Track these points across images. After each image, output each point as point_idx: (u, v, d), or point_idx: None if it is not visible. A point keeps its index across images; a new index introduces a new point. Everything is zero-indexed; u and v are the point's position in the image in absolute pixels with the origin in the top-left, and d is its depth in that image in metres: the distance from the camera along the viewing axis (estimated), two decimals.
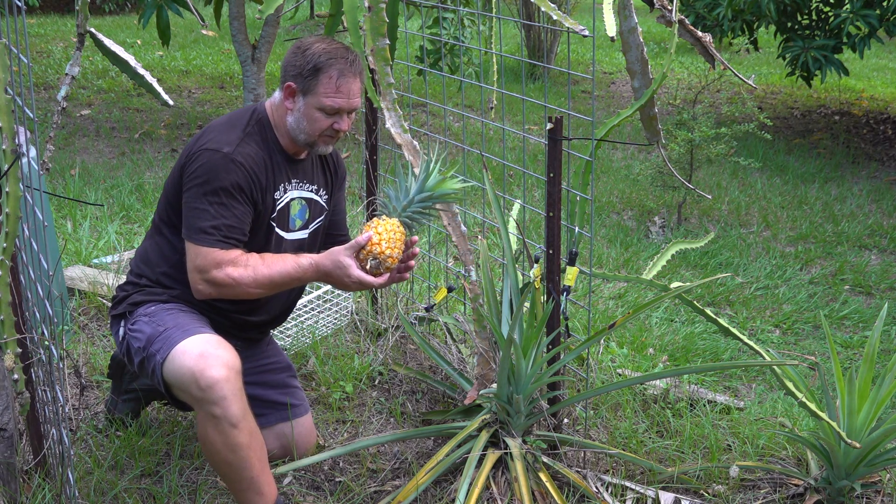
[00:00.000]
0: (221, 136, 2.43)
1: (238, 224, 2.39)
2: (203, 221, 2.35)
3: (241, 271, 2.36)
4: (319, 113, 2.45)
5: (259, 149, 2.48)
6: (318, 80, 2.43)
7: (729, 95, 8.82)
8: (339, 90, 2.43)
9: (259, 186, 2.44)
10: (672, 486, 2.71)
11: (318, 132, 2.48)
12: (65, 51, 9.98)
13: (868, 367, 2.60)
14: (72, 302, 3.70)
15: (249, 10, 8.17)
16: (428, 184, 2.40)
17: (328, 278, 2.38)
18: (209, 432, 2.26)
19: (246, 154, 2.42)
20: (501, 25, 3.75)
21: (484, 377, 2.84)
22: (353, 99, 2.47)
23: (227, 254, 2.36)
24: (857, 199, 6.20)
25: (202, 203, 2.36)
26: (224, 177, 2.37)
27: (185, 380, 2.24)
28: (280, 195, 2.54)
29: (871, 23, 6.55)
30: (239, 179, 2.38)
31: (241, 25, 6.45)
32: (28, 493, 2.43)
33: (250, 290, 2.37)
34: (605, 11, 2.49)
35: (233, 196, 2.38)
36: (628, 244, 5.25)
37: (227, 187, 2.37)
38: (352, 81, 2.45)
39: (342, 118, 2.48)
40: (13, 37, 2.12)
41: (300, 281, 2.43)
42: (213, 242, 2.35)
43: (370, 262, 2.35)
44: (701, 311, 2.66)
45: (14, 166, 2.04)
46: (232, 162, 2.38)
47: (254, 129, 2.50)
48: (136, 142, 6.86)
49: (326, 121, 2.46)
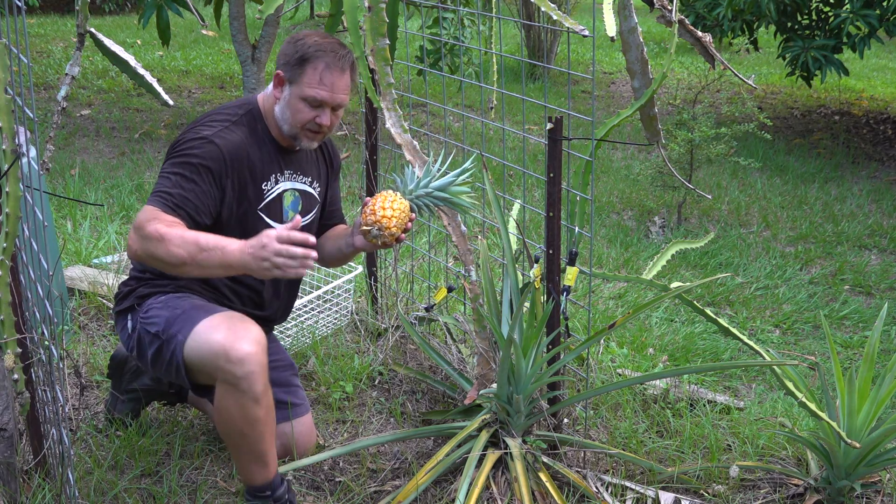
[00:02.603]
0: (206, 123, 2.45)
1: (193, 199, 2.35)
2: (159, 187, 2.34)
3: (169, 230, 2.24)
4: (302, 104, 2.45)
5: (245, 137, 2.47)
6: (303, 69, 2.43)
7: (729, 95, 8.82)
8: (322, 81, 2.42)
9: (232, 172, 2.42)
10: (672, 486, 2.71)
11: (300, 124, 2.47)
12: (65, 51, 9.99)
13: (868, 367, 2.60)
14: (72, 302, 3.70)
15: (249, 10, 8.17)
16: (451, 182, 2.41)
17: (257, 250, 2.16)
18: (229, 405, 2.27)
19: (226, 139, 2.42)
20: (501, 25, 3.75)
21: (484, 377, 2.84)
22: (338, 93, 2.45)
23: (166, 215, 2.29)
24: (857, 199, 6.20)
25: (166, 173, 2.37)
26: (194, 153, 2.37)
27: (213, 354, 2.24)
28: (270, 185, 2.52)
29: (871, 23, 6.55)
30: (208, 159, 2.37)
31: (241, 25, 6.45)
32: (28, 493, 2.43)
33: (174, 249, 2.20)
34: (605, 11, 2.49)
35: (197, 172, 2.36)
36: (628, 244, 5.25)
37: (194, 163, 2.36)
38: (337, 75, 2.44)
39: (325, 112, 2.47)
40: (13, 37, 2.12)
41: (224, 251, 2.19)
42: (158, 203, 2.31)
43: (373, 230, 2.36)
44: (701, 311, 2.66)
45: (14, 166, 2.04)
46: (208, 142, 2.39)
47: (242, 119, 2.50)
48: (136, 142, 6.86)
49: (309, 113, 2.45)
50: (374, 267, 3.61)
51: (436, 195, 2.42)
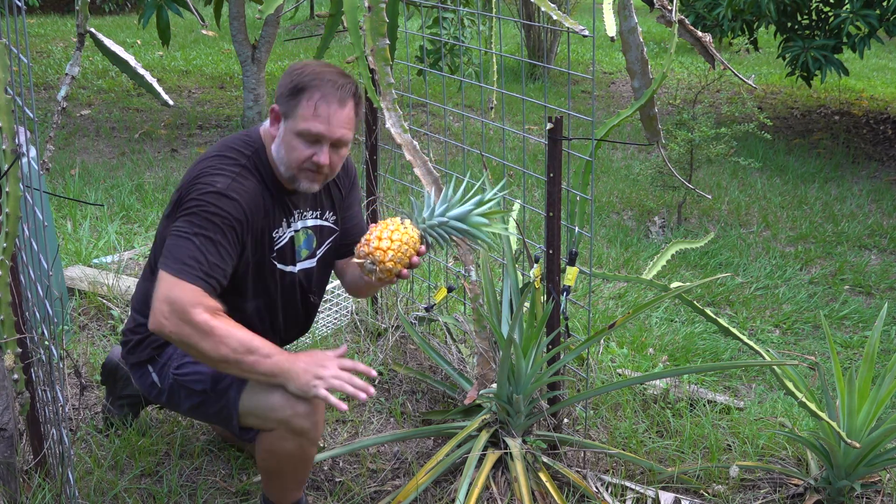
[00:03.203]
0: (215, 172, 2.22)
1: (221, 263, 2.16)
2: (184, 252, 2.12)
3: (218, 322, 2.09)
4: (297, 140, 2.21)
5: (257, 185, 2.26)
6: (298, 101, 2.19)
7: (729, 95, 8.82)
8: (317, 113, 2.18)
9: (252, 226, 2.24)
10: (672, 486, 2.71)
11: (297, 163, 2.23)
12: (65, 51, 9.99)
13: (868, 367, 2.60)
14: (72, 302, 3.70)
15: (249, 10, 8.18)
16: (470, 211, 2.15)
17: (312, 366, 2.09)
18: (288, 447, 2.24)
19: (243, 191, 2.21)
20: (501, 25, 3.75)
21: (484, 377, 2.84)
22: (335, 127, 2.20)
23: (209, 298, 2.11)
24: (857, 199, 6.20)
25: (186, 236, 2.14)
26: (215, 211, 2.16)
27: (277, 409, 2.16)
28: (280, 233, 2.34)
29: (871, 23, 6.55)
30: (231, 218, 2.18)
31: (241, 25, 6.45)
32: (28, 493, 2.43)
33: (221, 346, 2.08)
34: (605, 11, 2.49)
35: (222, 233, 2.16)
36: (628, 244, 5.25)
37: (217, 223, 2.16)
38: (335, 108, 2.19)
39: (322, 149, 2.22)
40: (13, 37, 2.12)
41: (274, 359, 2.11)
42: (195, 279, 2.10)
43: (366, 263, 2.12)
44: (701, 311, 2.66)
45: (14, 166, 2.04)
46: (226, 198, 2.17)
47: (250, 161, 2.28)
48: (136, 142, 6.86)
49: (305, 150, 2.21)
50: None
51: (452, 226, 2.15)
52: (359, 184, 2.63)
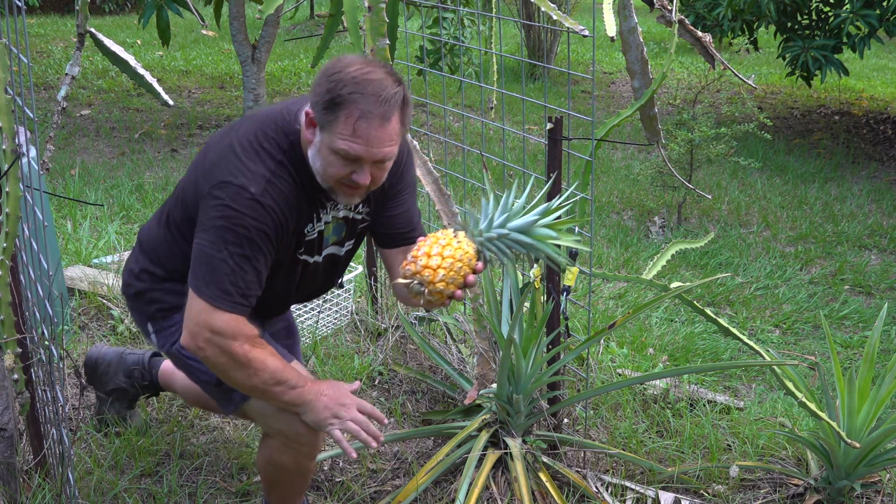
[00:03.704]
0: (249, 167, 2.02)
1: (257, 279, 2.05)
2: (220, 276, 2.00)
3: (256, 355, 2.05)
4: (334, 157, 1.98)
5: (293, 183, 2.06)
6: (336, 116, 1.94)
7: (729, 95, 8.82)
8: (356, 134, 1.94)
9: (287, 230, 2.08)
10: (672, 486, 2.71)
11: (333, 179, 2.02)
12: (65, 51, 9.98)
13: (868, 367, 2.60)
14: (72, 302, 3.70)
15: (249, 10, 8.18)
16: (535, 221, 1.90)
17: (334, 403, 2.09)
18: (285, 460, 2.24)
19: (277, 194, 2.02)
20: (501, 25, 3.75)
21: (484, 377, 2.84)
22: (376, 148, 1.96)
23: (248, 326, 2.05)
24: (857, 199, 6.20)
25: (220, 251, 1.99)
26: (250, 224, 1.99)
27: (283, 416, 2.15)
28: (311, 228, 2.17)
29: (871, 23, 6.55)
30: (266, 227, 2.01)
31: (241, 25, 6.45)
32: (28, 493, 2.43)
33: (253, 376, 2.06)
34: (605, 11, 2.49)
35: (257, 246, 2.01)
36: (628, 244, 5.25)
37: (253, 237, 2.00)
38: (376, 127, 1.94)
39: (362, 170, 1.99)
40: (13, 37, 2.12)
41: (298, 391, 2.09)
42: (234, 306, 2.01)
43: (413, 284, 1.87)
44: (701, 311, 2.66)
45: (14, 166, 2.04)
46: (261, 206, 1.99)
47: (287, 157, 2.07)
48: (136, 142, 6.86)
49: (342, 168, 1.99)
50: (374, 267, 3.61)
51: (514, 238, 1.90)
52: (413, 168, 2.35)
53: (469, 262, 1.88)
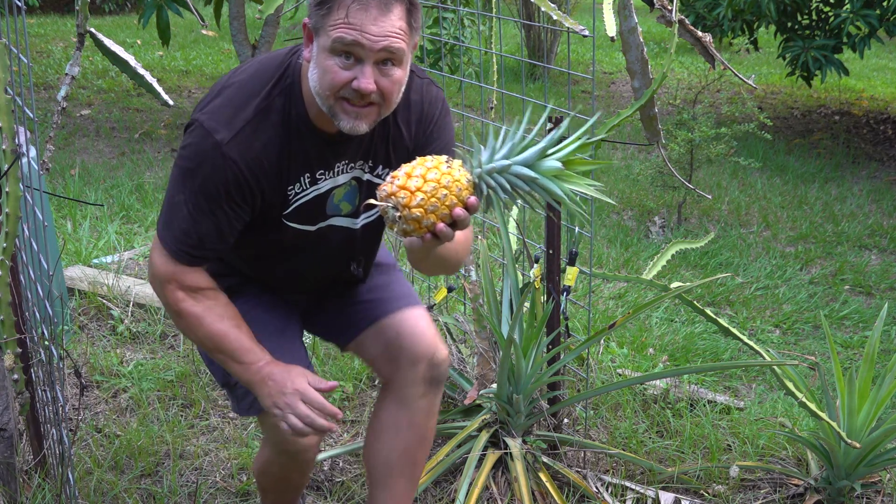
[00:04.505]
0: (227, 109, 1.81)
1: (216, 232, 1.85)
2: (175, 218, 1.84)
3: (190, 307, 1.88)
4: (331, 59, 1.71)
5: (279, 131, 1.83)
6: (329, 8, 1.70)
7: (729, 95, 8.82)
8: (349, 23, 1.67)
9: (258, 187, 1.85)
10: (672, 486, 2.71)
11: (332, 89, 1.73)
12: (65, 51, 9.98)
13: (868, 367, 2.60)
14: (72, 302, 3.70)
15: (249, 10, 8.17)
16: (542, 152, 1.63)
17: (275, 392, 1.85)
18: (273, 470, 2.18)
19: (246, 146, 1.80)
20: (501, 25, 3.75)
21: (484, 377, 2.84)
22: (374, 35, 1.68)
23: (190, 273, 1.88)
24: (857, 199, 6.20)
25: (178, 194, 1.83)
26: (209, 175, 1.80)
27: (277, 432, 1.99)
28: (301, 188, 1.89)
29: (871, 23, 6.55)
30: (227, 182, 1.80)
31: (241, 25, 6.45)
32: (28, 493, 2.43)
33: (188, 333, 1.94)
34: (605, 11, 2.49)
35: (213, 200, 1.82)
36: (628, 244, 5.25)
37: (209, 190, 1.81)
38: (374, 12, 1.68)
39: (363, 69, 1.70)
40: (13, 37, 2.12)
41: (241, 367, 1.89)
42: (178, 253, 1.86)
43: (389, 208, 1.60)
44: (701, 311, 2.66)
45: (14, 166, 2.04)
46: (224, 158, 1.78)
47: (277, 100, 1.83)
48: (136, 142, 6.86)
49: (341, 72, 1.71)
50: None
51: (517, 172, 1.62)
52: (450, 128, 1.99)
53: (459, 193, 1.61)
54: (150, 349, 3.45)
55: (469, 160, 1.65)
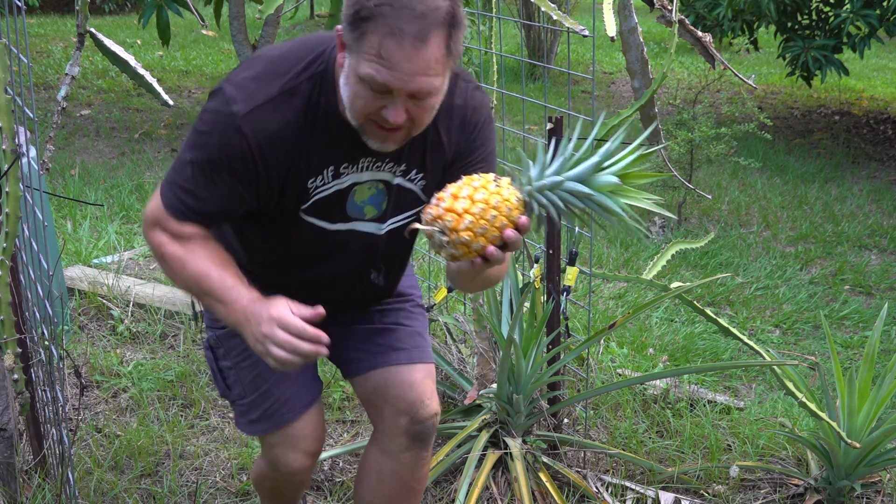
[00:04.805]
0: (252, 82, 1.74)
1: (212, 200, 1.77)
2: (179, 176, 1.78)
3: (174, 250, 1.79)
4: (360, 86, 1.62)
5: (301, 117, 1.74)
6: (361, 34, 1.58)
7: (729, 95, 8.82)
8: (381, 56, 1.56)
9: (264, 167, 1.75)
10: (672, 486, 2.71)
11: (362, 113, 1.66)
12: (65, 51, 9.98)
13: (868, 367, 2.60)
14: (72, 302, 3.70)
15: (249, 10, 8.17)
16: (597, 166, 1.52)
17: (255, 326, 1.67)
18: (266, 483, 2.17)
19: (262, 125, 1.72)
20: (501, 25, 3.75)
21: (484, 377, 2.84)
22: (406, 75, 1.57)
23: (177, 224, 1.78)
24: (857, 199, 6.20)
25: (187, 153, 1.77)
26: (217, 144, 1.73)
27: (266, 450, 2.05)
28: (322, 182, 1.80)
29: (871, 23, 6.55)
30: (232, 156, 1.73)
31: (241, 25, 6.45)
32: (28, 493, 2.43)
33: (173, 277, 1.83)
34: (605, 11, 2.49)
35: (219, 173, 1.75)
36: (628, 244, 5.25)
37: (216, 161, 1.74)
38: (408, 49, 1.55)
39: (395, 104, 1.61)
40: (13, 37, 2.12)
41: (226, 307, 1.75)
42: (172, 206, 1.78)
43: (435, 232, 1.51)
44: (701, 311, 2.66)
45: (14, 166, 2.04)
46: (236, 131, 1.71)
47: (305, 84, 1.74)
48: (136, 142, 6.86)
49: (372, 101, 1.62)
50: None
51: (570, 189, 1.51)
52: (493, 139, 1.88)
53: (509, 213, 1.51)
54: (150, 349, 3.45)
55: (518, 177, 1.56)
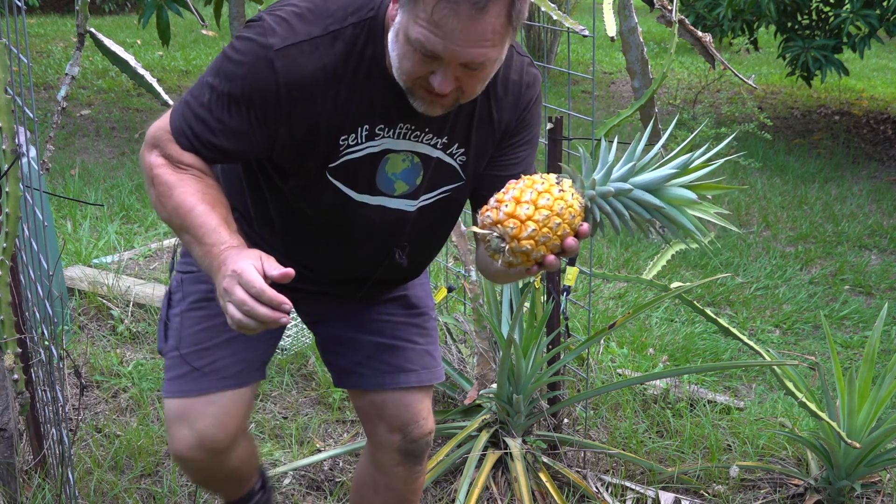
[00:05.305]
0: (295, 17, 1.60)
1: (222, 133, 1.63)
2: (195, 100, 1.64)
3: (167, 177, 1.62)
4: (409, 47, 1.50)
5: (333, 64, 1.60)
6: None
7: (729, 95, 8.82)
8: (435, 22, 1.44)
9: (287, 112, 1.62)
10: (672, 486, 2.71)
11: (410, 75, 1.54)
12: (65, 51, 9.99)
13: (868, 367, 2.60)
14: (72, 302, 3.70)
15: (249, 10, 8.17)
16: (670, 178, 1.41)
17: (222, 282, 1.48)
18: (184, 468, 1.97)
19: (296, 64, 1.58)
20: None
21: (484, 377, 2.84)
22: (459, 46, 1.46)
23: (178, 150, 1.64)
24: (857, 199, 6.20)
25: (211, 78, 1.63)
26: (243, 75, 1.59)
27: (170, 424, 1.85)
28: (355, 141, 1.66)
29: (871, 23, 6.55)
30: (257, 93, 1.59)
31: (241, 25, 6.44)
32: (28, 493, 2.43)
33: (156, 204, 1.66)
34: (605, 11, 2.49)
35: (237, 106, 1.61)
36: (628, 244, 5.25)
37: (238, 93, 1.60)
38: (465, 19, 1.43)
39: (444, 71, 1.50)
40: (13, 37, 2.12)
41: (203, 252, 1.56)
42: (179, 130, 1.64)
43: (493, 237, 1.41)
44: (701, 311, 2.66)
45: (14, 166, 2.04)
46: (268, 64, 1.57)
47: (351, 29, 1.60)
48: (136, 142, 6.86)
49: (420, 65, 1.51)
50: None
51: (637, 198, 1.41)
52: (540, 120, 1.82)
53: (571, 221, 1.40)
54: (150, 349, 3.45)
55: (579, 178, 1.45)
